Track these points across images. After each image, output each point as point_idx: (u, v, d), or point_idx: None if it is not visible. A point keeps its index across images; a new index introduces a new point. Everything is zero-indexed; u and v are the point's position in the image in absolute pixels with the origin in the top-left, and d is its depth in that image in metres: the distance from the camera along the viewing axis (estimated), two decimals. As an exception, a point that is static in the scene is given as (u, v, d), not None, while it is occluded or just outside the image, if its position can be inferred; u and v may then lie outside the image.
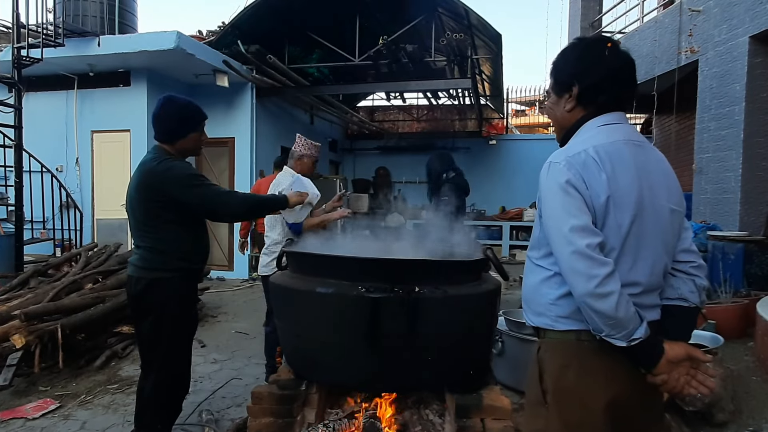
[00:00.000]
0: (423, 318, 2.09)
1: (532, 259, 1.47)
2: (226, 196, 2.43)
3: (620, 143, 1.34)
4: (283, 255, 2.50)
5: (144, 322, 2.37)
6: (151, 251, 2.35)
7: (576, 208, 1.27)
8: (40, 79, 7.72)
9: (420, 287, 2.09)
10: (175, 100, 2.43)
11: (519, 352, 3.52)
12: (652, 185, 1.33)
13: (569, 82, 1.42)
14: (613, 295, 1.21)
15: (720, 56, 6.19)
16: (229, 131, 8.48)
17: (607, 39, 1.40)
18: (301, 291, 2.21)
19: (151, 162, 2.36)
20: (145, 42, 6.77)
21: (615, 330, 1.23)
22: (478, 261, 2.33)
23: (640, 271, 1.31)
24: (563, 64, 1.46)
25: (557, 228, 1.29)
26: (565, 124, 1.47)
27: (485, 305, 2.31)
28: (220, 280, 8.39)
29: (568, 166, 1.30)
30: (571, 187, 1.28)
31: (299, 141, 3.59)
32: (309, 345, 2.27)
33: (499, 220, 11.89)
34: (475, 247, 2.66)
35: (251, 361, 4.30)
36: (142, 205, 2.33)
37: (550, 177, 1.34)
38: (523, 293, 1.50)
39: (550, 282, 1.38)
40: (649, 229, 1.31)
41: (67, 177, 7.94)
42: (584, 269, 1.23)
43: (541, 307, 1.40)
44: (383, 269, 2.15)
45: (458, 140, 12.88)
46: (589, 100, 1.40)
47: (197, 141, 2.49)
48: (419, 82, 9.16)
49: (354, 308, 2.11)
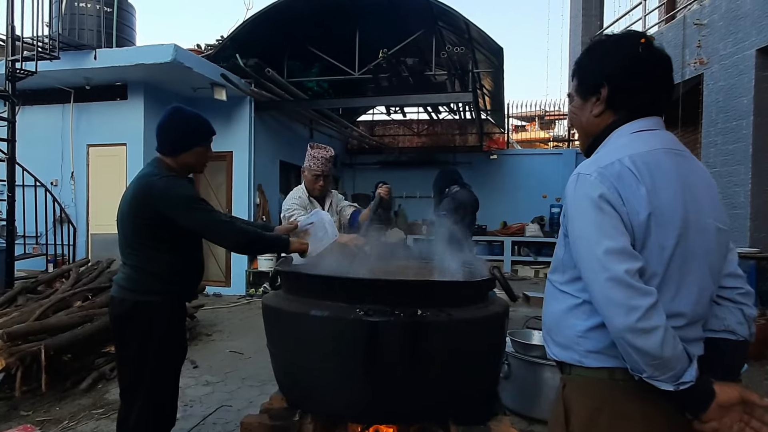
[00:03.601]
0: (426, 344, 1.93)
1: (555, 283, 1.29)
2: (227, 227, 2.20)
3: (660, 152, 1.17)
4: (276, 274, 2.35)
5: (126, 348, 2.18)
6: (139, 271, 2.16)
7: (611, 227, 1.10)
8: (37, 92, 7.64)
9: (423, 310, 1.93)
10: (184, 111, 2.26)
11: (526, 375, 3.34)
12: (697, 200, 1.16)
13: (597, 83, 1.25)
14: (657, 331, 1.03)
15: (726, 70, 6.09)
16: (227, 145, 8.35)
17: (640, 34, 1.24)
18: (293, 314, 2.05)
19: (150, 176, 2.16)
20: (141, 55, 6.68)
21: (660, 371, 1.05)
22: (485, 281, 2.18)
23: (685, 300, 1.13)
24: (590, 63, 1.29)
25: (589, 250, 1.12)
26: (592, 130, 1.31)
27: (493, 329, 2.15)
28: (216, 296, 8.20)
29: (600, 179, 1.13)
30: (606, 203, 1.11)
31: (307, 152, 3.20)
32: (303, 372, 2.10)
33: (501, 235, 11.75)
34: (480, 266, 2.51)
35: (245, 383, 4.11)
36: (134, 220, 2.14)
37: (579, 191, 1.16)
38: (545, 322, 1.33)
39: (578, 311, 1.20)
40: (694, 251, 1.14)
41: (62, 191, 7.81)
42: (623, 299, 1.05)
43: (568, 339, 1.23)
44: (382, 291, 1.99)
45: (459, 155, 12.78)
46: (621, 104, 1.24)
47: (202, 156, 2.29)
48: (420, 95, 9.07)
49: (351, 333, 1.94)
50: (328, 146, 3.25)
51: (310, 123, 10.58)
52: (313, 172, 3.16)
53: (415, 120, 14.05)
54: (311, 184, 3.20)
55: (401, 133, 14.05)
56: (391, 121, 13.98)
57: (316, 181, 3.18)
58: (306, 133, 10.89)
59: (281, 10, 7.95)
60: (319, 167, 3.15)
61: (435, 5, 7.61)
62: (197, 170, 2.34)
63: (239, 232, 2.23)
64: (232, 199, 8.47)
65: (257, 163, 8.52)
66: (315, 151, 3.17)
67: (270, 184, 9.06)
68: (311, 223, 2.67)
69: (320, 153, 3.17)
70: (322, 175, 3.18)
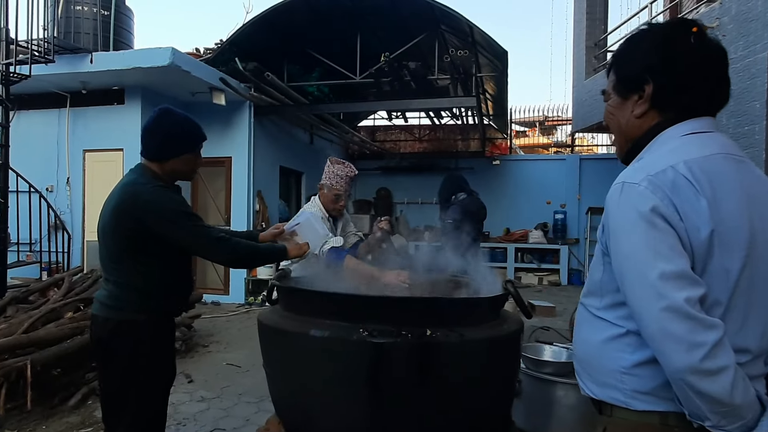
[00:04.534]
0: (436, 367, 1.76)
1: (592, 309, 1.13)
2: (219, 244, 2.01)
3: (718, 158, 1.01)
4: (273, 288, 2.18)
5: (110, 371, 1.99)
6: (123, 287, 1.97)
7: (667, 246, 0.93)
8: (33, 97, 7.50)
9: (432, 330, 1.77)
10: (173, 113, 2.06)
11: (538, 393, 3.16)
12: (764, 215, 0.99)
13: (641, 79, 1.09)
14: (726, 372, 0.87)
15: (736, 74, 5.93)
16: (226, 150, 8.22)
17: (692, 22, 1.07)
18: (291, 333, 1.88)
19: (135, 185, 1.97)
20: (138, 58, 6.54)
21: (727, 420, 0.89)
22: (499, 297, 2.01)
23: (751, 333, 0.97)
24: (631, 55, 1.13)
25: (640, 274, 0.95)
26: (633, 133, 1.14)
27: (508, 349, 1.98)
28: (214, 304, 8.03)
29: (652, 189, 0.97)
30: (659, 218, 0.95)
31: (327, 166, 2.91)
32: (302, 396, 1.93)
33: (504, 242, 11.59)
34: (491, 279, 2.34)
35: (241, 399, 3.93)
36: (117, 232, 1.95)
37: (625, 203, 1.00)
38: (578, 353, 1.16)
39: (622, 343, 1.04)
40: (762, 275, 0.97)
41: (58, 197, 7.67)
42: (683, 334, 0.89)
43: (608, 375, 1.06)
44: (388, 309, 1.83)
45: (461, 160, 12.63)
46: (669, 103, 1.08)
47: (192, 163, 2.10)
48: (422, 100, 8.92)
49: (354, 355, 1.78)
50: (348, 163, 2.97)
51: (310, 128, 10.45)
52: (335, 192, 2.85)
53: (416, 125, 13.92)
54: (331, 204, 2.88)
55: (403, 138, 13.92)
56: (392, 126, 13.85)
57: (337, 201, 2.88)
58: (306, 138, 10.75)
59: (281, 13, 7.82)
60: (342, 186, 2.86)
61: (438, 8, 7.47)
62: (186, 178, 2.14)
63: (232, 249, 2.03)
64: (231, 206, 8.32)
65: (257, 168, 8.38)
66: (338, 168, 2.87)
67: (270, 191, 8.91)
68: (298, 224, 2.53)
69: (344, 171, 2.87)
70: (344, 194, 2.90)
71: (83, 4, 7.39)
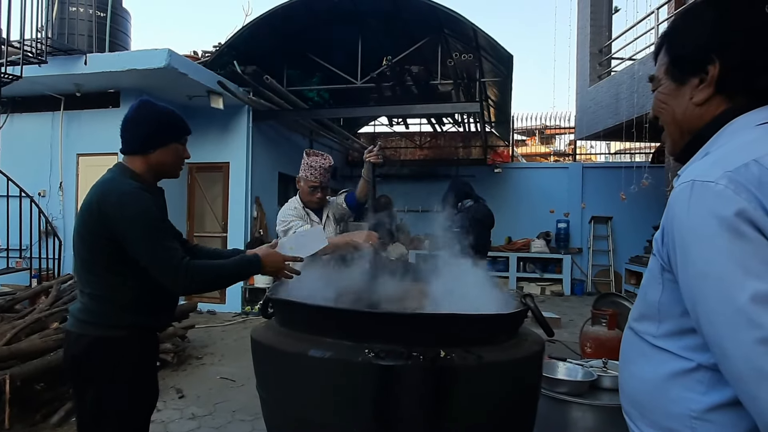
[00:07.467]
0: (452, 393, 1.56)
1: (647, 336, 0.93)
2: (174, 273, 1.67)
3: None
4: (268, 302, 1.97)
5: (85, 393, 1.76)
6: (99, 300, 1.74)
7: (760, 260, 0.74)
8: (26, 99, 7.35)
9: (446, 351, 1.57)
10: (155, 104, 1.85)
11: (552, 414, 2.95)
12: None
13: (703, 59, 0.91)
14: None
15: (749, 79, 5.79)
16: (224, 156, 8.04)
17: None
18: (288, 354, 1.67)
19: (107, 183, 1.74)
20: (134, 60, 6.37)
21: None
22: (519, 314, 1.82)
23: None
24: (691, 31, 0.94)
25: (724, 297, 0.76)
26: (691, 124, 0.95)
27: (530, 371, 1.79)
28: (210, 313, 7.81)
29: (734, 188, 0.77)
30: (747, 224, 0.75)
31: (302, 159, 2.89)
32: (299, 424, 1.72)
33: (506, 250, 11.40)
34: (507, 294, 2.14)
35: (235, 417, 3.71)
36: (91, 239, 1.73)
37: (699, 207, 0.80)
38: (626, 389, 0.97)
39: (691, 380, 0.84)
40: None
41: (50, 202, 7.47)
42: None
43: (673, 420, 0.86)
44: (396, 327, 1.63)
45: (462, 168, 12.45)
46: (739, 86, 0.90)
47: (178, 155, 1.87)
48: (424, 105, 8.75)
49: (359, 379, 1.58)
50: (326, 154, 2.91)
51: (310, 133, 10.27)
52: (310, 183, 2.84)
53: (417, 132, 13.77)
54: (308, 196, 2.87)
55: (403, 145, 13.75)
56: (393, 133, 13.69)
57: (313, 193, 2.86)
58: (306, 144, 10.57)
59: (281, 16, 7.67)
60: (317, 178, 2.83)
61: (441, 11, 7.32)
62: (172, 173, 1.91)
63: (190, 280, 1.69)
64: (229, 212, 8.12)
65: (255, 174, 8.19)
66: (312, 159, 2.83)
67: (268, 197, 8.72)
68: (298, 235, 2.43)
69: (318, 162, 2.83)
70: (320, 186, 2.85)
71: (78, 5, 7.23)
